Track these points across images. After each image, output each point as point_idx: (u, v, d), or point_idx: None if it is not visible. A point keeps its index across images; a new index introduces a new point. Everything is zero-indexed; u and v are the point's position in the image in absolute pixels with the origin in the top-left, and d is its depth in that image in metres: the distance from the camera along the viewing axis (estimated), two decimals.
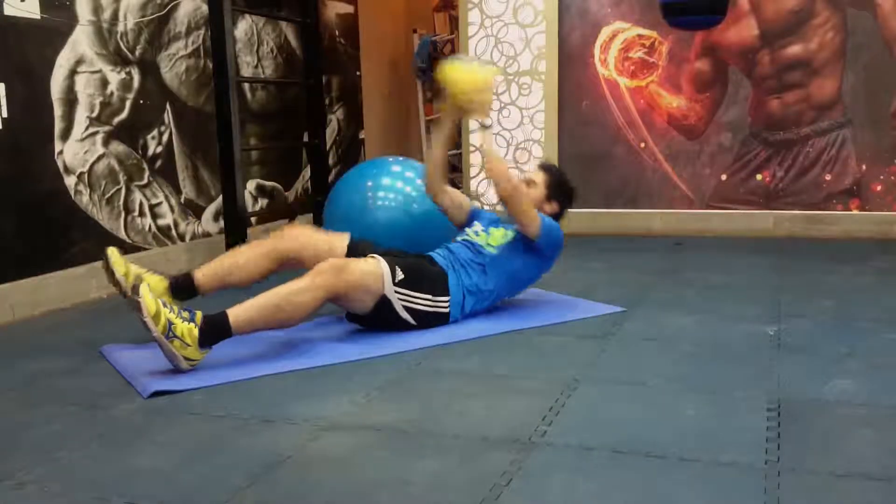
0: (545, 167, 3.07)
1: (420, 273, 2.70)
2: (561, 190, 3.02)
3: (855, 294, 3.13)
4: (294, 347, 2.53)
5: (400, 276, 2.62)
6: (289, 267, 2.74)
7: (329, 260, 2.53)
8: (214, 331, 2.30)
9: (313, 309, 2.45)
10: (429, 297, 2.69)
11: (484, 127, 2.88)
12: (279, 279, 2.61)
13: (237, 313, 2.34)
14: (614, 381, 2.19)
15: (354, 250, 2.77)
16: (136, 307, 2.22)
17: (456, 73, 2.72)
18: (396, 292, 2.61)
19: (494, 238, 2.87)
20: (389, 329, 2.66)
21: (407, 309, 2.65)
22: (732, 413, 1.93)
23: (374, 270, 2.58)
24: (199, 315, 2.30)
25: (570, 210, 3.09)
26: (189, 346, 2.26)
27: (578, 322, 2.79)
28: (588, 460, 1.69)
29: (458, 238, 2.94)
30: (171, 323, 2.23)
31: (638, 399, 2.05)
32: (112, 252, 2.58)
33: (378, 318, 2.64)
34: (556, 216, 2.99)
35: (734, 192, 4.69)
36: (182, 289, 2.64)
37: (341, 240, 2.82)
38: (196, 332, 2.27)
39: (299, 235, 2.77)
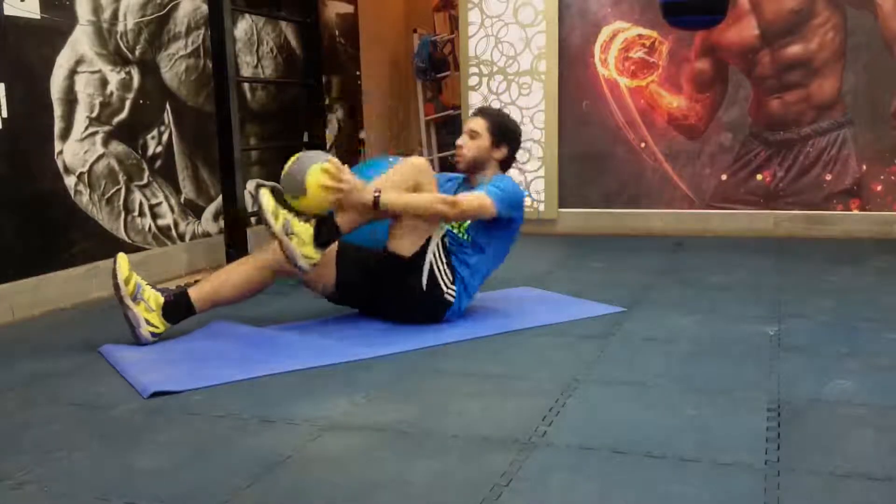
0: (484, 112, 2.95)
1: (450, 254, 2.76)
2: (505, 131, 2.89)
3: (855, 294, 3.13)
4: (294, 347, 2.53)
5: (446, 239, 2.74)
6: (282, 276, 2.75)
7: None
8: (328, 229, 2.49)
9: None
10: (449, 276, 2.72)
11: (375, 202, 2.56)
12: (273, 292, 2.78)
13: (341, 217, 2.54)
14: (614, 381, 2.19)
15: (345, 251, 2.77)
16: (258, 206, 2.47)
17: (304, 206, 2.58)
18: (438, 246, 2.69)
19: (463, 224, 2.82)
20: (391, 293, 2.71)
21: (430, 268, 2.67)
22: (732, 413, 1.93)
23: (437, 218, 2.69)
24: (311, 219, 2.49)
25: (518, 151, 2.99)
26: (307, 244, 2.44)
27: (578, 322, 2.79)
28: (588, 460, 1.69)
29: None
30: (287, 221, 2.44)
31: (638, 399, 2.05)
32: (121, 257, 2.60)
33: (399, 268, 2.66)
34: (507, 161, 2.91)
35: (734, 192, 4.68)
36: (177, 307, 2.63)
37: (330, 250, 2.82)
38: (312, 230, 2.46)
39: None
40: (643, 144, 4.79)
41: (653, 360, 2.36)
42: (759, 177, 4.64)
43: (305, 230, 2.46)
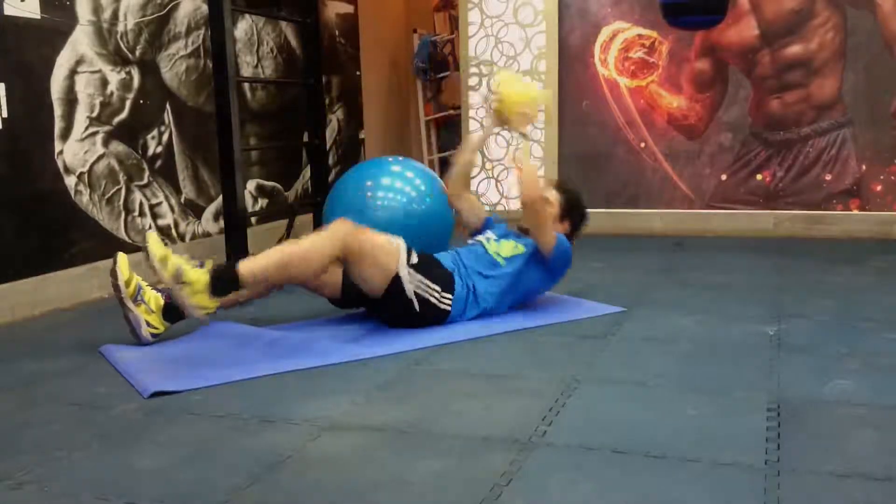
0: (561, 187, 3.08)
1: (431, 264, 2.74)
2: (574, 210, 3.02)
3: (855, 294, 3.13)
4: (294, 347, 2.52)
5: (415, 259, 2.67)
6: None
7: (344, 219, 2.57)
8: (224, 277, 2.33)
9: (322, 265, 2.47)
10: (438, 288, 2.70)
11: (524, 137, 3.05)
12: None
13: (247, 264, 2.37)
14: (614, 381, 2.19)
15: None
16: (146, 256, 2.28)
17: (514, 85, 2.85)
18: (410, 274, 2.64)
19: (505, 249, 2.86)
20: (390, 313, 2.67)
21: (416, 294, 2.65)
22: (732, 413, 1.93)
23: (390, 247, 2.62)
24: (208, 263, 2.34)
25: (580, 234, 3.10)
26: (199, 292, 2.29)
27: (578, 322, 2.79)
28: (588, 460, 1.69)
29: (470, 242, 2.96)
30: (180, 268, 2.27)
31: (638, 399, 2.05)
32: (121, 258, 2.58)
33: (385, 300, 2.64)
34: (567, 236, 2.99)
35: (734, 192, 4.69)
36: (178, 308, 2.55)
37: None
38: (206, 278, 2.30)
39: None
40: (643, 144, 4.79)
41: (653, 360, 2.36)
42: (759, 177, 4.64)
43: (199, 278, 2.29)
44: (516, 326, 2.73)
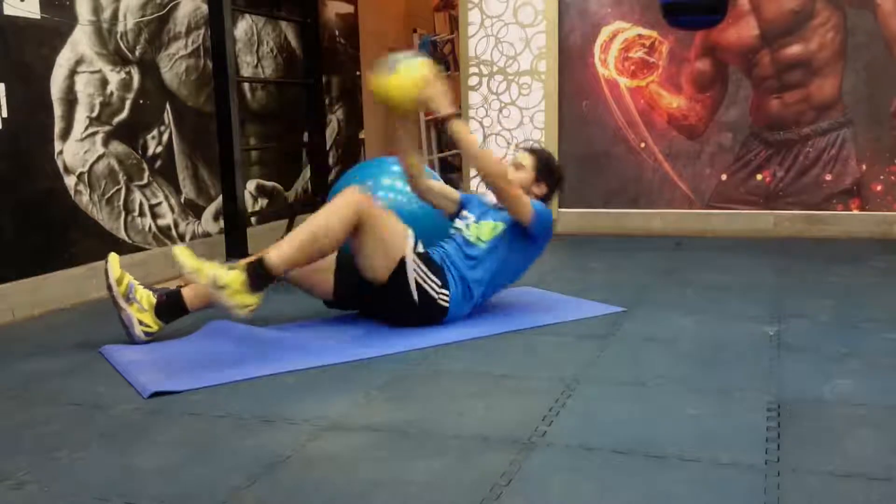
0: (533, 149, 3.05)
1: (431, 259, 2.74)
2: (549, 171, 2.98)
3: (855, 294, 3.13)
4: (294, 347, 2.53)
5: (420, 248, 2.70)
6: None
7: (355, 186, 2.63)
8: (259, 274, 2.35)
9: (345, 231, 2.51)
10: (437, 282, 2.70)
11: (449, 118, 2.64)
12: (272, 291, 2.66)
13: (274, 255, 2.40)
14: (614, 381, 2.19)
15: (343, 266, 2.75)
16: (177, 263, 2.29)
17: (385, 85, 2.57)
18: (415, 261, 2.66)
19: (483, 232, 2.82)
20: (388, 305, 2.68)
21: (417, 284, 2.66)
22: (732, 413, 1.93)
23: (400, 231, 2.67)
24: (241, 263, 2.36)
25: (557, 192, 3.06)
26: (240, 291, 2.30)
27: (578, 322, 2.79)
28: (588, 460, 1.69)
29: (450, 231, 2.93)
30: (214, 275, 2.29)
31: (638, 399, 2.05)
32: (113, 257, 2.61)
33: (386, 288, 2.64)
34: (544, 198, 2.97)
35: (734, 192, 4.68)
36: (170, 307, 2.63)
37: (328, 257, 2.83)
38: (243, 276, 2.31)
39: None
40: (643, 144, 4.79)
41: (653, 360, 2.36)
42: (759, 177, 4.64)
43: (236, 279, 2.31)
44: (516, 326, 2.73)
